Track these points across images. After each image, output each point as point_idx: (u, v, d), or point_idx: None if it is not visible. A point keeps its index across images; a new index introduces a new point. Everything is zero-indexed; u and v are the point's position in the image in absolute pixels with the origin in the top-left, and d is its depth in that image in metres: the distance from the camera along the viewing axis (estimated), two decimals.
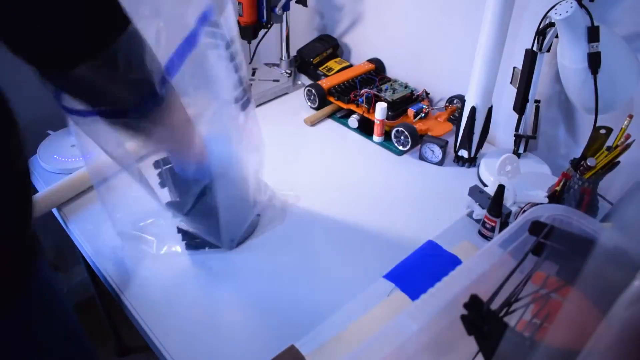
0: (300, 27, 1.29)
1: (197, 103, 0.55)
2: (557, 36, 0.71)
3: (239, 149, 0.64)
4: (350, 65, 1.14)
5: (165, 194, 0.67)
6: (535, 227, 0.51)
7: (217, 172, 0.61)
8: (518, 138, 0.85)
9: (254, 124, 0.65)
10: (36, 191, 0.84)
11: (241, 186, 0.67)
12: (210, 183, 0.62)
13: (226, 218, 0.66)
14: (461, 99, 0.96)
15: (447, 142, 0.89)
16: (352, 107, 1.01)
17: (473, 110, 0.84)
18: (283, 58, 1.17)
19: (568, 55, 0.69)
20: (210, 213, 0.65)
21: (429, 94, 1.03)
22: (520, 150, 0.86)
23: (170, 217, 0.69)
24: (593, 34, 0.66)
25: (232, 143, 0.62)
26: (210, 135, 0.59)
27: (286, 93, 1.15)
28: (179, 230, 0.70)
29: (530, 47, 0.76)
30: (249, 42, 1.11)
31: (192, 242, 0.71)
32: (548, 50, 0.76)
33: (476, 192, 0.76)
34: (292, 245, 0.74)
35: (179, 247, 0.72)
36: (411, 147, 0.93)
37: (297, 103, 1.10)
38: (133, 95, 0.43)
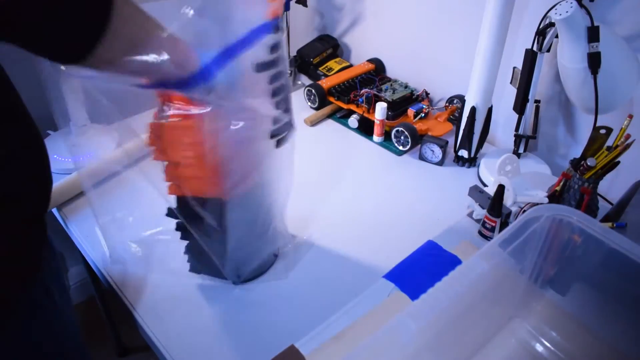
0: (300, 27, 1.28)
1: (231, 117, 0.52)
2: (557, 36, 0.71)
3: (262, 182, 0.59)
4: (350, 65, 1.14)
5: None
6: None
7: (236, 198, 0.57)
8: (518, 138, 0.85)
9: (288, 163, 0.62)
10: None
11: (258, 219, 0.63)
12: (224, 207, 0.58)
13: (235, 248, 0.62)
14: (461, 99, 0.96)
15: (447, 142, 0.89)
16: (352, 107, 1.01)
17: (473, 110, 0.84)
18: None
19: (568, 55, 0.69)
20: (219, 239, 0.61)
21: (429, 94, 1.03)
22: (520, 150, 0.86)
23: (171, 232, 0.64)
24: (593, 34, 0.66)
25: (257, 174, 0.58)
26: (236, 160, 0.55)
27: None
28: (187, 250, 0.65)
29: (530, 47, 0.76)
30: None
31: (198, 265, 0.67)
32: (548, 50, 0.76)
33: (476, 192, 0.76)
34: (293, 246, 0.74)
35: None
36: (411, 147, 0.93)
37: (297, 103, 1.10)
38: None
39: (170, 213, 0.60)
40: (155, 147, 0.53)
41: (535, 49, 0.75)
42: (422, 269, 0.68)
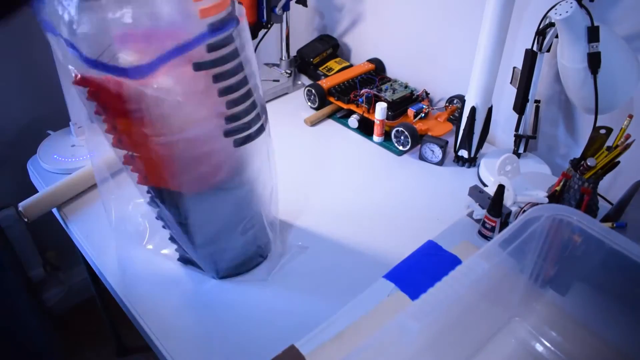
0: (300, 27, 1.28)
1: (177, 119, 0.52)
2: (557, 36, 0.71)
3: (226, 179, 0.59)
4: (350, 65, 1.14)
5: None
6: None
7: (196, 194, 0.58)
8: (518, 138, 0.85)
9: (261, 162, 0.61)
10: (36, 191, 0.84)
11: (226, 217, 0.62)
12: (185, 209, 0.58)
13: (203, 243, 0.63)
14: (461, 99, 0.96)
15: (447, 142, 0.89)
16: (352, 107, 1.01)
17: (473, 110, 0.84)
18: (283, 58, 1.17)
19: (568, 55, 0.69)
20: (185, 232, 0.61)
21: (429, 94, 1.03)
22: (520, 150, 0.86)
23: None
24: (593, 34, 0.66)
25: (213, 172, 0.58)
26: (188, 157, 0.55)
27: (286, 93, 1.15)
28: (171, 240, 0.67)
29: (530, 47, 0.76)
30: None
31: (186, 255, 0.67)
32: (548, 50, 0.76)
33: (476, 192, 0.76)
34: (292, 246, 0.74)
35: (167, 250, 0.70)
36: (411, 147, 0.93)
37: (297, 103, 1.10)
38: None
39: (150, 202, 0.61)
40: (113, 135, 0.54)
41: (535, 49, 0.75)
42: (422, 269, 0.68)
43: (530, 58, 0.76)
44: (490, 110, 0.85)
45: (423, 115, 0.97)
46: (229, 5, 0.51)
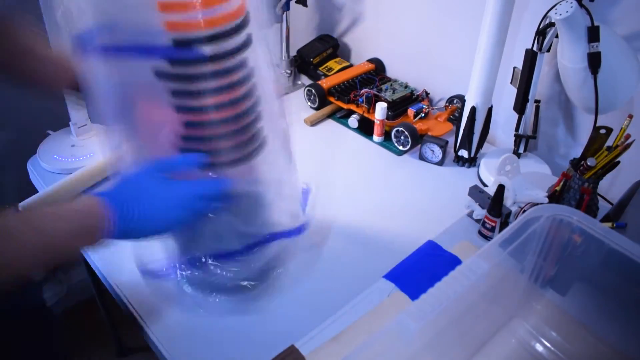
0: (300, 27, 1.28)
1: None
2: (557, 36, 0.71)
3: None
4: (350, 65, 1.14)
5: None
6: None
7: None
8: (518, 138, 0.85)
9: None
10: (36, 191, 0.84)
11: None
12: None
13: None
14: (461, 99, 0.96)
15: (447, 142, 0.89)
16: (352, 107, 1.01)
17: (473, 110, 0.84)
18: (283, 58, 1.17)
19: (568, 55, 0.69)
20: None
21: (429, 94, 1.03)
22: (520, 150, 0.86)
23: None
24: (593, 34, 0.66)
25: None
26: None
27: (286, 93, 1.15)
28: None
29: (530, 47, 0.76)
30: None
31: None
32: (548, 50, 0.76)
33: (476, 192, 0.76)
34: None
35: None
36: (411, 147, 0.93)
37: (297, 103, 1.10)
38: None
39: None
40: None
41: (535, 49, 0.75)
42: (422, 269, 0.68)
43: (530, 58, 0.76)
44: (490, 110, 0.85)
45: (423, 115, 0.97)
46: (222, 24, 0.46)
